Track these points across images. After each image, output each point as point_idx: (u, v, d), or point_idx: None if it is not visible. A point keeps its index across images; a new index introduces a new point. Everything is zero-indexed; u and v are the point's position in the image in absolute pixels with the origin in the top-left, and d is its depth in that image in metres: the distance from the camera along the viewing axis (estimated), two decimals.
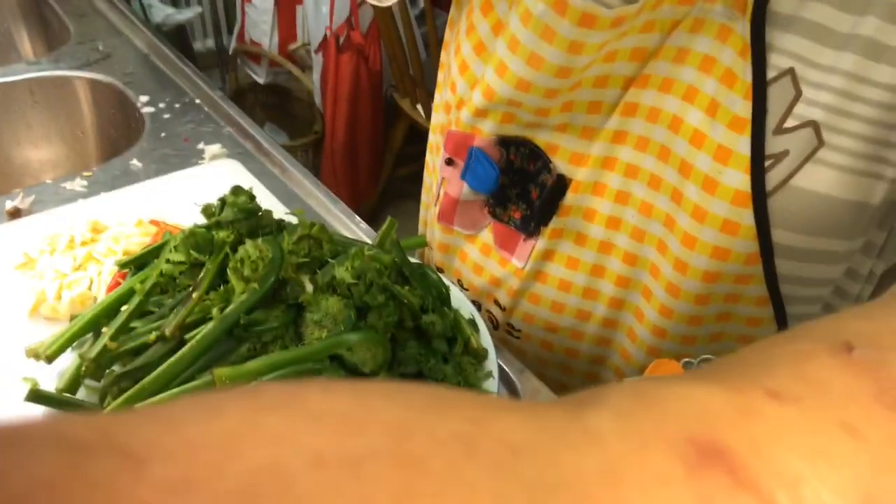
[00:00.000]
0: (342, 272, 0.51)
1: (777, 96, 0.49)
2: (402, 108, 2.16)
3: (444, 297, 0.57)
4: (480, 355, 0.55)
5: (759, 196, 0.51)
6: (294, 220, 0.59)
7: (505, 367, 0.64)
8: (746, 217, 0.52)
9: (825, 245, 0.53)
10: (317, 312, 0.49)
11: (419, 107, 2.17)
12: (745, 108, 0.50)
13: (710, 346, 0.62)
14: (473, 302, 0.70)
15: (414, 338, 0.53)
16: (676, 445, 0.18)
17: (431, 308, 0.54)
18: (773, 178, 0.50)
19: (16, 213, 0.82)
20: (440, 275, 0.58)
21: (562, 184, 0.60)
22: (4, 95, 1.05)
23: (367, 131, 2.20)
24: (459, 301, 0.59)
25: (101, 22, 1.22)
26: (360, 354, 0.48)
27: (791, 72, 0.48)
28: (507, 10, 0.56)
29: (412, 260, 0.58)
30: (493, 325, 0.71)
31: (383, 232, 0.58)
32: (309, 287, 0.51)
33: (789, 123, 0.49)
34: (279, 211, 0.79)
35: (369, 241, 0.69)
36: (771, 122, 0.50)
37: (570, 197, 0.60)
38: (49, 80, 1.08)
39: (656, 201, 0.57)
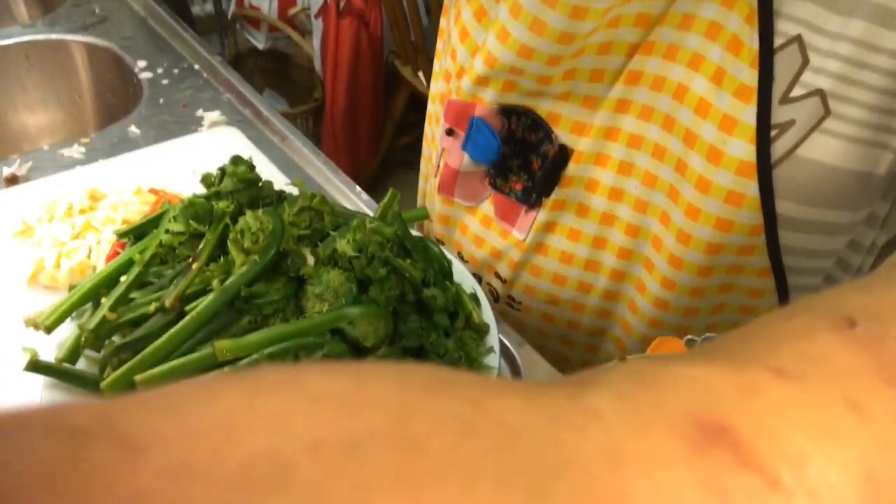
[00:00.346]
0: (343, 245, 0.50)
1: (784, 64, 0.48)
2: (403, 76, 2.13)
3: (445, 271, 0.56)
4: (482, 330, 0.55)
5: (765, 166, 0.50)
6: (294, 190, 0.58)
7: (505, 341, 0.64)
8: (751, 188, 0.51)
9: (829, 216, 0.53)
10: (318, 285, 0.48)
11: (420, 74, 2.14)
12: (751, 77, 0.49)
13: (712, 318, 0.62)
14: (474, 275, 0.69)
15: (415, 312, 0.53)
16: (679, 425, 0.18)
17: (433, 282, 0.54)
18: (778, 148, 0.49)
19: (13, 180, 0.81)
20: (442, 248, 0.58)
21: (564, 154, 0.59)
22: None
23: (367, 98, 2.18)
24: (461, 275, 0.59)
25: None
26: (361, 328, 0.48)
27: (798, 39, 0.47)
28: None
29: (414, 233, 0.57)
30: (494, 298, 0.70)
31: (385, 204, 0.58)
32: (310, 259, 0.50)
33: (796, 92, 0.48)
34: (279, 181, 0.78)
35: (370, 212, 0.68)
36: (777, 90, 0.49)
37: (571, 168, 0.59)
38: (45, 44, 1.06)
39: (660, 172, 0.56)
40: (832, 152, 0.49)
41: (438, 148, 0.67)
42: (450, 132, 0.64)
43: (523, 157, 0.62)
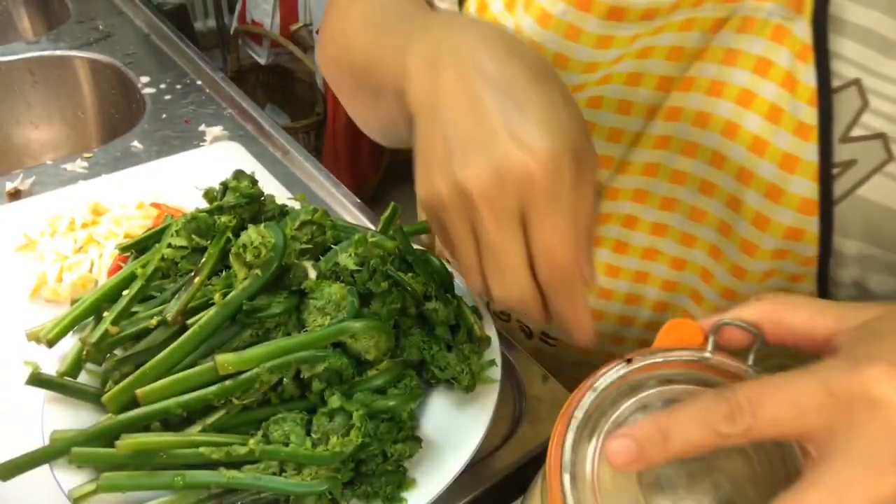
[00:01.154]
0: (345, 259, 0.51)
1: (843, 105, 0.46)
2: None
3: (447, 285, 0.56)
4: (484, 343, 0.55)
5: (826, 204, 0.48)
6: (296, 204, 0.58)
7: (508, 355, 0.64)
8: (812, 224, 0.49)
9: (887, 257, 0.50)
10: (319, 299, 0.48)
11: None
12: (810, 115, 0.47)
13: None
14: (501, 312, 0.68)
15: (417, 325, 0.53)
16: None
17: (434, 295, 0.54)
18: (839, 186, 0.48)
19: (16, 195, 0.81)
20: (443, 261, 0.58)
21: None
22: (4, 75, 1.04)
23: None
24: (463, 288, 0.59)
25: (101, 1, 1.20)
26: (363, 342, 0.48)
27: (857, 83, 0.46)
28: (504, 11, 0.53)
29: (415, 246, 0.57)
30: (527, 334, 0.68)
31: (386, 218, 0.58)
32: (312, 273, 0.51)
33: (856, 132, 0.47)
34: (281, 196, 0.78)
35: (372, 226, 0.68)
36: (837, 129, 0.47)
37: (608, 205, 0.57)
38: (49, 60, 1.07)
39: (709, 207, 0.55)
40: (894, 196, 0.47)
41: None
42: None
43: None
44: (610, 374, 0.35)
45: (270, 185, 0.82)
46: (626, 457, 0.30)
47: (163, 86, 1.01)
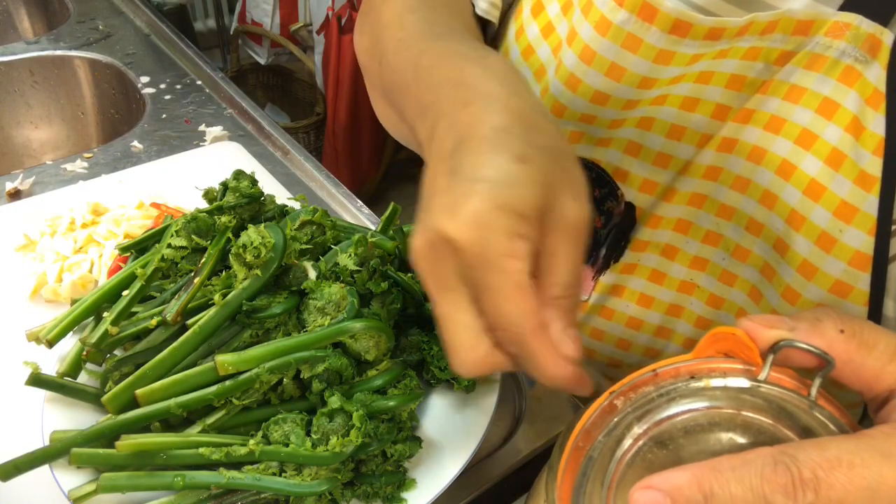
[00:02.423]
0: (345, 259, 0.50)
1: None
2: None
3: None
4: None
5: (880, 261, 0.46)
6: (296, 205, 0.58)
7: None
8: (862, 281, 0.46)
9: None
10: (319, 299, 0.48)
11: None
12: (874, 165, 0.44)
13: None
14: None
15: (417, 325, 0.53)
16: None
17: None
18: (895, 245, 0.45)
19: (16, 195, 0.81)
20: None
21: (630, 213, 0.55)
22: (4, 75, 1.04)
23: (369, 113, 2.18)
24: None
25: (101, 1, 1.20)
26: (363, 342, 0.48)
27: None
28: (561, 14, 0.51)
29: None
30: None
31: (386, 218, 0.58)
32: (312, 273, 0.51)
33: None
34: (281, 195, 0.78)
35: (372, 226, 0.68)
36: None
37: (647, 232, 0.55)
38: (49, 60, 1.07)
39: (754, 247, 0.52)
40: None
41: None
42: None
43: None
44: (631, 391, 0.31)
45: (270, 185, 0.82)
46: None
47: (163, 86, 1.01)
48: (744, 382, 0.30)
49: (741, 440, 0.30)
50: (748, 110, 0.49)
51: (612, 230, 0.57)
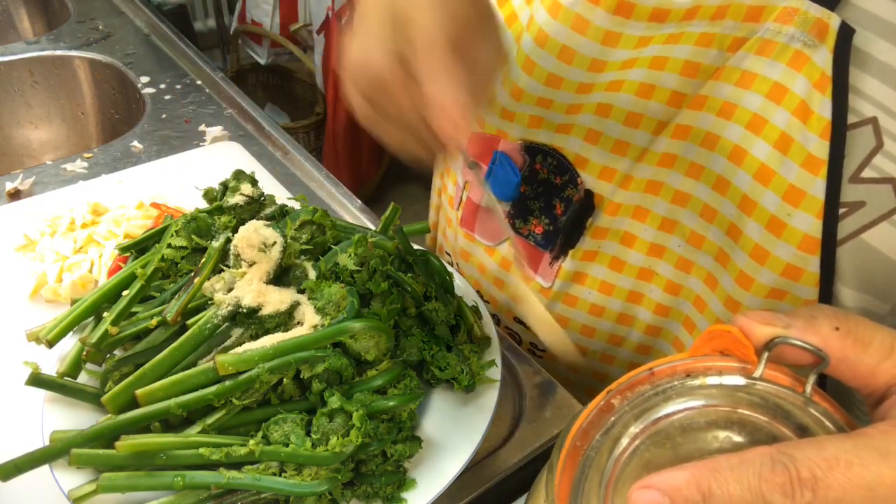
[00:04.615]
0: (345, 259, 0.51)
1: (856, 143, 0.44)
2: None
3: (447, 285, 0.56)
4: (484, 343, 0.55)
5: (829, 244, 0.46)
6: (296, 205, 0.58)
7: (507, 355, 0.63)
8: (812, 264, 0.47)
9: (881, 308, 0.48)
10: (319, 299, 0.48)
11: None
12: (821, 148, 0.45)
13: None
14: (493, 315, 0.68)
15: (417, 325, 0.53)
16: None
17: (434, 295, 0.54)
18: (844, 227, 0.46)
19: (16, 195, 0.81)
20: (443, 262, 0.58)
21: (589, 200, 0.57)
22: (4, 75, 1.04)
23: None
24: (463, 288, 0.59)
25: (101, 1, 1.20)
26: (363, 342, 0.48)
27: (874, 121, 0.43)
28: (524, 3, 0.53)
29: (415, 246, 0.57)
30: (517, 342, 0.68)
31: (386, 218, 0.58)
32: (312, 273, 0.51)
33: (867, 174, 0.44)
34: (281, 195, 0.78)
35: (371, 226, 0.68)
36: (848, 168, 0.45)
37: (606, 219, 0.56)
38: (49, 60, 1.07)
39: (708, 233, 0.53)
40: None
41: (457, 179, 0.65)
42: (473, 165, 0.61)
43: (545, 200, 0.59)
44: (630, 393, 0.31)
45: (270, 185, 0.82)
46: None
47: (163, 86, 1.01)
48: (739, 380, 0.30)
49: (738, 438, 0.30)
50: (702, 97, 0.50)
51: (570, 217, 0.58)
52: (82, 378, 0.51)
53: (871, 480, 0.26)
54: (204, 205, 0.58)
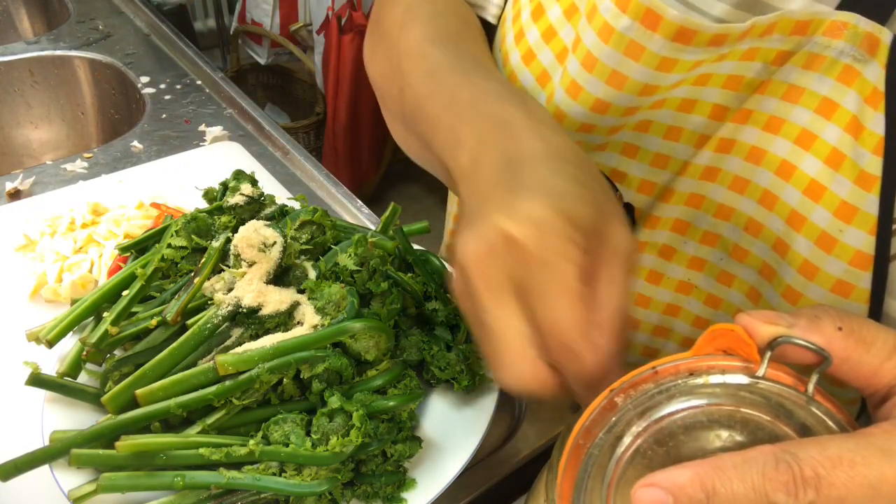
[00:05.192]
0: (345, 259, 0.50)
1: None
2: None
3: (447, 285, 0.56)
4: None
5: (881, 260, 0.45)
6: (296, 205, 0.58)
7: None
8: (864, 280, 0.46)
9: None
10: (319, 299, 0.48)
11: None
12: (874, 164, 0.44)
13: None
14: None
15: (417, 325, 0.53)
16: None
17: (434, 295, 0.54)
18: None
19: (16, 195, 0.81)
20: (443, 261, 0.58)
21: (629, 214, 0.55)
22: (4, 75, 1.04)
23: (368, 113, 2.19)
24: None
25: (101, 1, 1.20)
26: (363, 342, 0.48)
27: None
28: (563, 18, 0.51)
29: (415, 246, 0.57)
30: None
31: (386, 218, 0.58)
32: (312, 273, 0.51)
33: None
34: (281, 195, 0.78)
35: (371, 226, 0.68)
36: None
37: (646, 233, 0.55)
38: (49, 60, 1.07)
39: (752, 247, 0.52)
40: None
41: None
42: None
43: None
44: (633, 391, 0.31)
45: (270, 185, 0.82)
46: None
47: (163, 86, 1.01)
48: (742, 379, 0.30)
49: (740, 437, 0.30)
50: (746, 110, 0.48)
51: None
52: (82, 378, 0.51)
53: (874, 479, 0.26)
54: (204, 205, 0.58)
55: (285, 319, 0.49)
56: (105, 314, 0.52)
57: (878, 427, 0.28)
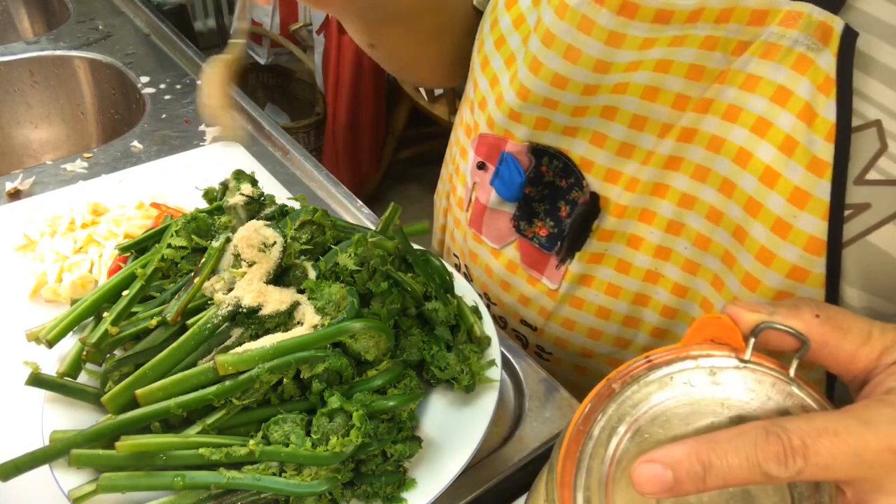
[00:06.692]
0: (345, 259, 0.50)
1: (860, 145, 0.45)
2: (404, 91, 2.14)
3: (447, 285, 0.56)
4: (484, 343, 0.55)
5: (834, 246, 0.47)
6: (296, 205, 0.58)
7: (508, 355, 0.63)
8: (818, 265, 0.48)
9: (888, 308, 0.48)
10: (319, 299, 0.48)
11: (421, 89, 2.15)
12: (826, 151, 0.45)
13: None
14: (499, 317, 0.69)
15: (417, 325, 0.53)
16: None
17: (434, 295, 0.54)
18: (850, 229, 0.46)
19: (16, 195, 0.81)
20: (443, 261, 0.58)
21: (594, 203, 0.57)
22: (4, 75, 1.04)
23: (368, 113, 2.19)
24: (463, 288, 0.59)
25: (101, 1, 1.20)
26: (363, 342, 0.48)
27: (877, 124, 0.44)
28: (532, 6, 0.54)
29: (415, 246, 0.57)
30: (522, 345, 0.68)
31: (386, 218, 0.58)
32: (312, 273, 0.51)
33: (872, 176, 0.45)
34: (281, 195, 0.78)
35: (371, 226, 0.68)
36: (852, 170, 0.45)
37: (612, 222, 0.57)
38: (49, 60, 1.07)
39: (715, 235, 0.53)
40: None
41: (468, 181, 0.66)
42: (481, 166, 0.62)
43: (550, 203, 0.59)
44: (629, 378, 0.32)
45: (270, 185, 0.82)
46: (658, 485, 0.28)
47: (163, 86, 1.01)
48: (730, 363, 0.32)
49: (730, 418, 0.32)
50: (707, 100, 0.50)
51: (575, 220, 0.58)
52: (82, 378, 0.51)
53: (856, 447, 0.28)
54: (204, 205, 0.58)
55: (285, 319, 0.49)
56: (105, 314, 0.52)
57: (859, 403, 0.30)
